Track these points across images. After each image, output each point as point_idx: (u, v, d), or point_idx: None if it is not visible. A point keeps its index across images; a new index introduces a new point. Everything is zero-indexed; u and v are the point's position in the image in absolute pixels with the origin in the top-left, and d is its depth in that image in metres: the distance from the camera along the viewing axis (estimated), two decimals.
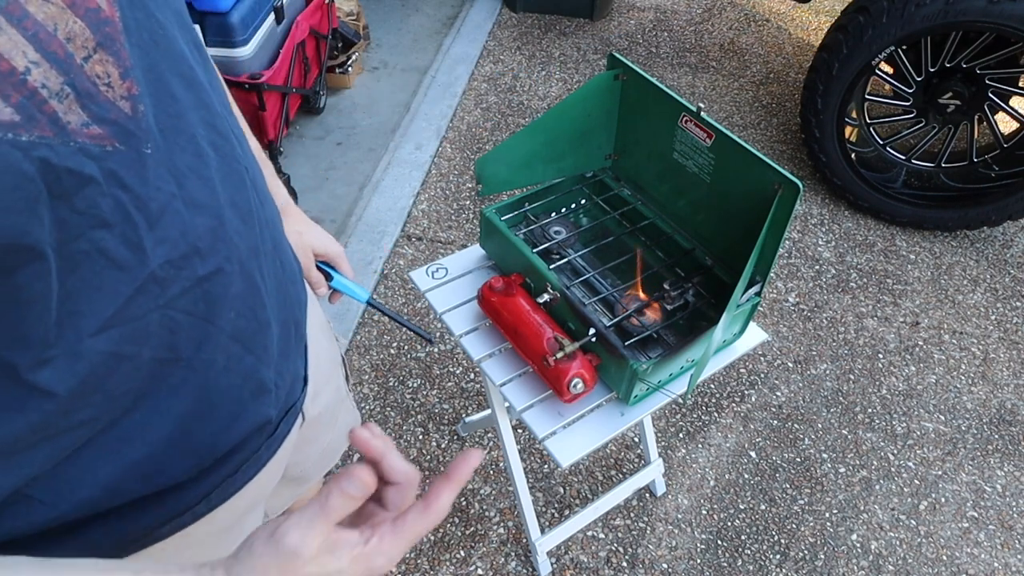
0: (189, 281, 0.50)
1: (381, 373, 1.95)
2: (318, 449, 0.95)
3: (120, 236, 0.44)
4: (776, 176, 0.95)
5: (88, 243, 0.42)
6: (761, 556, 1.66)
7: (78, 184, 0.40)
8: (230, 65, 2.11)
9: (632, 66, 1.13)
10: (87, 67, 0.41)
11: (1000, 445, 1.91)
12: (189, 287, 0.50)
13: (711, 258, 1.16)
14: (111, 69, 0.42)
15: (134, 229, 0.45)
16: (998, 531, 1.74)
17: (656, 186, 1.22)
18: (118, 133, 0.42)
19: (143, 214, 0.45)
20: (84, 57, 0.40)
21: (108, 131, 0.42)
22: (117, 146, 0.42)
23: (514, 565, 1.60)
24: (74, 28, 0.40)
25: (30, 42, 0.37)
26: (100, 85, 0.41)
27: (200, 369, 0.54)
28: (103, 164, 0.41)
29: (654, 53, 3.26)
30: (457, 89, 2.96)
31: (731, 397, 1.97)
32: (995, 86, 2.21)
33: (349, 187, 2.55)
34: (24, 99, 0.37)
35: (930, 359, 2.10)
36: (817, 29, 3.47)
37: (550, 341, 1.03)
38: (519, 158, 1.18)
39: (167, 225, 0.47)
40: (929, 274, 2.35)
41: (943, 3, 2.00)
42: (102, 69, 0.41)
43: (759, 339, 1.19)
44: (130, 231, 0.44)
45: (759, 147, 2.76)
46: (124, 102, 0.43)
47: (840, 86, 2.25)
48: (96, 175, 0.41)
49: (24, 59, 0.37)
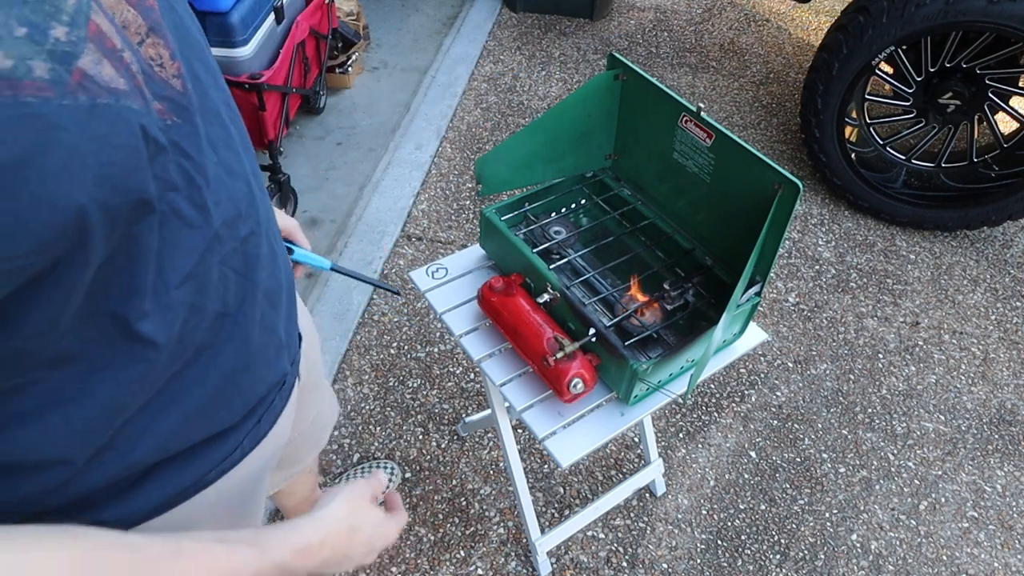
0: (237, 241, 0.56)
1: (381, 373, 1.95)
2: (308, 418, 1.01)
3: (187, 198, 0.49)
4: (776, 176, 0.95)
5: (166, 204, 0.47)
6: (761, 556, 1.66)
7: (157, 151, 0.45)
8: (230, 65, 2.11)
9: (632, 66, 1.13)
10: (142, 50, 0.44)
11: (1000, 445, 1.91)
12: (237, 246, 0.56)
13: (711, 258, 1.16)
14: (162, 51, 0.46)
15: (199, 192, 0.50)
16: (998, 531, 1.74)
17: (656, 186, 1.22)
18: (175, 108, 0.47)
19: (203, 178, 0.50)
20: (139, 42, 0.44)
21: (167, 106, 0.46)
22: (175, 119, 0.47)
23: (514, 565, 1.60)
24: (127, 16, 0.44)
25: (112, 26, 0.41)
26: (155, 66, 0.45)
27: (243, 324, 0.60)
28: (168, 135, 0.46)
29: (654, 53, 3.26)
30: (457, 89, 2.95)
31: (731, 397, 1.97)
32: (995, 86, 2.21)
33: (349, 187, 2.55)
34: (127, 72, 0.42)
35: (930, 359, 2.10)
36: (817, 29, 3.47)
37: (550, 341, 1.03)
38: (519, 158, 1.19)
39: (217, 189, 0.52)
40: (929, 274, 2.35)
41: (943, 3, 2.00)
42: (155, 52, 0.46)
43: (759, 339, 1.19)
44: (195, 194, 0.49)
45: (759, 147, 2.76)
46: (176, 80, 0.47)
47: (840, 86, 2.25)
48: (166, 144, 0.46)
49: (119, 39, 0.41)
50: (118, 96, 0.40)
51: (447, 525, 1.67)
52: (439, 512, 1.69)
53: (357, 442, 1.81)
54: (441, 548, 1.63)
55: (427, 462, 1.78)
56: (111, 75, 0.40)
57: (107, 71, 0.40)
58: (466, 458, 1.79)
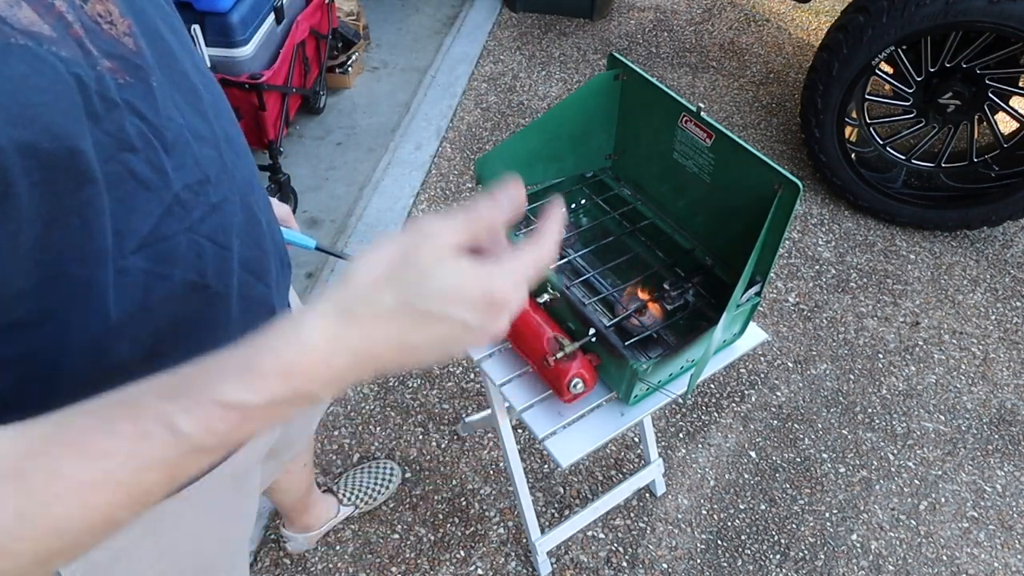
0: (206, 207, 0.53)
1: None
2: None
3: (145, 160, 0.46)
4: (776, 176, 0.95)
5: (119, 164, 0.45)
6: (761, 556, 1.66)
7: (106, 107, 0.43)
8: (230, 65, 2.11)
9: (632, 66, 1.13)
10: (87, 7, 0.43)
11: (1000, 445, 1.91)
12: (207, 213, 0.53)
13: (711, 258, 1.16)
14: (111, 7, 0.45)
15: (156, 153, 0.47)
16: (998, 531, 1.74)
17: (656, 186, 1.22)
18: (127, 67, 0.45)
19: (160, 141, 0.48)
20: None
21: (118, 65, 0.44)
22: (128, 79, 0.45)
23: (514, 565, 1.60)
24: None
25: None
26: (103, 23, 0.44)
27: (224, 296, 0.57)
28: (121, 94, 0.44)
29: (654, 53, 3.26)
30: (457, 89, 2.95)
31: (731, 397, 1.97)
32: (995, 86, 2.21)
33: (349, 187, 2.55)
34: (56, 21, 0.40)
35: (930, 359, 2.10)
36: (817, 29, 3.47)
37: (550, 341, 1.03)
38: (519, 158, 1.18)
39: (181, 153, 0.50)
40: (929, 274, 2.35)
41: (943, 3, 2.00)
42: (103, 8, 0.44)
43: (759, 339, 1.18)
44: (153, 155, 0.47)
45: (759, 147, 2.76)
46: (127, 38, 0.46)
47: (840, 86, 2.25)
48: (119, 102, 0.44)
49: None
50: (39, 40, 0.39)
51: (447, 525, 1.67)
52: (439, 512, 1.69)
53: (357, 442, 1.81)
54: (441, 548, 1.63)
55: (427, 462, 1.78)
56: (30, 19, 0.39)
57: (25, 15, 0.38)
58: (466, 458, 1.79)
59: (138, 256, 0.48)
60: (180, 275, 0.52)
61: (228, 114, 0.60)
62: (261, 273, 0.63)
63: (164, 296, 0.51)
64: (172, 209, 0.50)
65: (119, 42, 0.45)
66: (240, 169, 0.59)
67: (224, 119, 0.59)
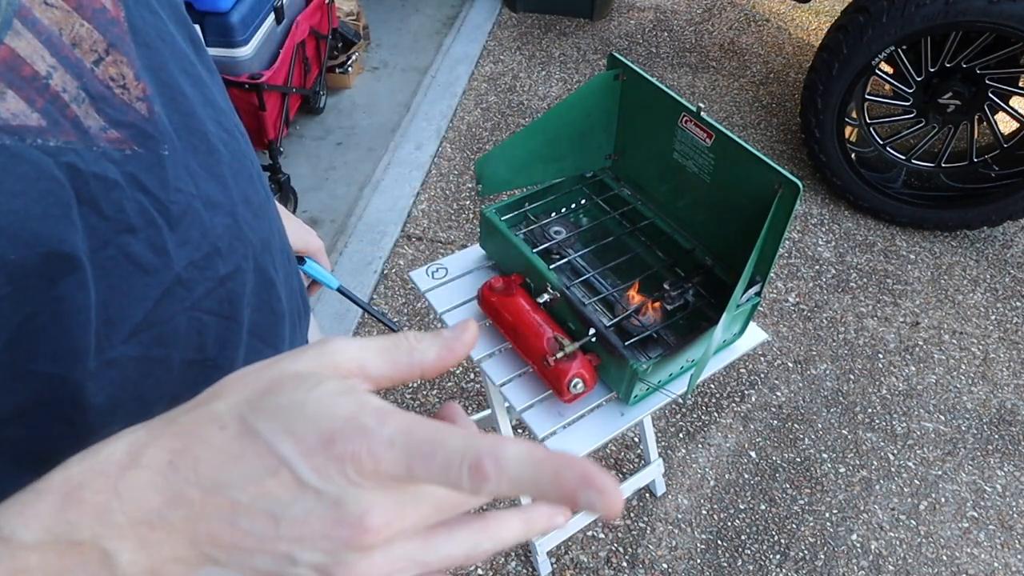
0: (212, 282, 0.50)
1: None
2: None
3: (145, 240, 0.43)
4: (776, 176, 0.95)
5: (116, 249, 0.41)
6: (761, 556, 1.66)
7: (104, 189, 0.40)
8: (230, 65, 2.11)
9: (632, 66, 1.13)
10: (99, 71, 0.40)
11: (1000, 445, 1.91)
12: (213, 288, 0.50)
13: (711, 258, 1.16)
14: (125, 70, 0.41)
15: (158, 233, 0.44)
16: (998, 531, 1.74)
17: (656, 186, 1.22)
18: (136, 136, 0.42)
19: (164, 217, 0.44)
20: (95, 61, 0.40)
21: (126, 134, 0.41)
22: (136, 149, 0.42)
23: (514, 565, 1.60)
24: (80, 32, 0.39)
25: (45, 46, 0.37)
26: (115, 88, 0.40)
27: (225, 367, 0.53)
28: (123, 168, 0.41)
29: (654, 53, 3.26)
30: (457, 89, 2.95)
31: (731, 397, 1.97)
32: (995, 86, 2.21)
33: (349, 187, 2.55)
34: (48, 104, 0.37)
35: (930, 359, 2.10)
36: (817, 29, 3.47)
37: (550, 341, 1.03)
38: (519, 158, 1.18)
39: (188, 227, 0.46)
40: (929, 274, 2.35)
41: (943, 3, 2.00)
42: (116, 71, 0.41)
43: (759, 339, 1.19)
44: (154, 235, 0.43)
45: (759, 147, 2.76)
46: (140, 103, 0.42)
47: (840, 86, 2.25)
48: (119, 179, 0.40)
49: (44, 63, 0.37)
50: (23, 134, 0.35)
51: None
52: None
53: None
54: None
55: None
56: (14, 110, 0.35)
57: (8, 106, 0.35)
58: None
59: (129, 344, 0.44)
60: (178, 356, 0.48)
61: (248, 171, 0.56)
62: (272, 339, 0.59)
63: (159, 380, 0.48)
64: (172, 290, 0.46)
65: (131, 107, 0.41)
66: (257, 231, 0.56)
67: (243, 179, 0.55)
